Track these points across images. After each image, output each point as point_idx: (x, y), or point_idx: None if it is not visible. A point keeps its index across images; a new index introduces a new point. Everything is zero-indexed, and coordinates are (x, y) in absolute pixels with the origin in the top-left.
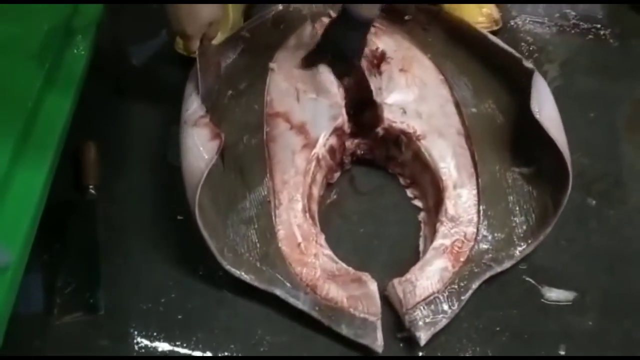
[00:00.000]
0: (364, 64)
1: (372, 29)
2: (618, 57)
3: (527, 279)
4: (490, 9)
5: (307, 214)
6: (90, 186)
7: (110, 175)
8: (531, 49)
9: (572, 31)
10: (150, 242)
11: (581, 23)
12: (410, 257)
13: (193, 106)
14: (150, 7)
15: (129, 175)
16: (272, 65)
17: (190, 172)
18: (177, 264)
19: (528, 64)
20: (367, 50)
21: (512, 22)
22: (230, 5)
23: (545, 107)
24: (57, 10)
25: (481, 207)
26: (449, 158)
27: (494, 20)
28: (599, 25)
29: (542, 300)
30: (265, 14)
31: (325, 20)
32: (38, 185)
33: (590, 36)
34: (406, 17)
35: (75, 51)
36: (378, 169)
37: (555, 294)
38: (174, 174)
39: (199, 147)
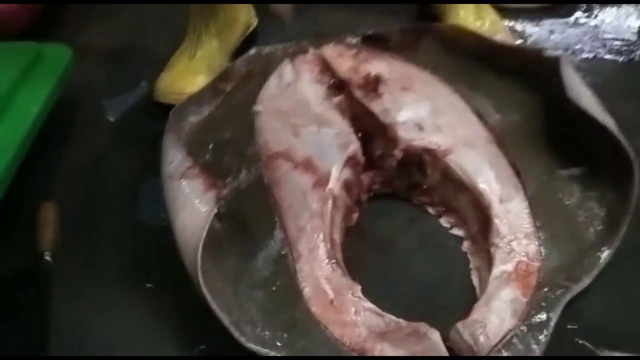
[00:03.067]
0: (357, 92)
1: (360, 55)
2: None
3: (581, 342)
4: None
5: (334, 263)
6: (46, 253)
7: (72, 240)
8: None
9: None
10: (112, 318)
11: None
12: (465, 296)
13: (178, 158)
14: (131, 58)
15: (94, 238)
16: (257, 108)
17: (186, 233)
18: (142, 343)
19: (549, 52)
20: (357, 77)
21: None
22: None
23: (583, 95)
24: (17, 53)
25: (537, 220)
26: (486, 170)
27: None
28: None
29: None
30: (235, 62)
31: (306, 56)
32: None
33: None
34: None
35: (31, 100)
36: (399, 202)
37: None
38: (144, 235)
39: (193, 201)
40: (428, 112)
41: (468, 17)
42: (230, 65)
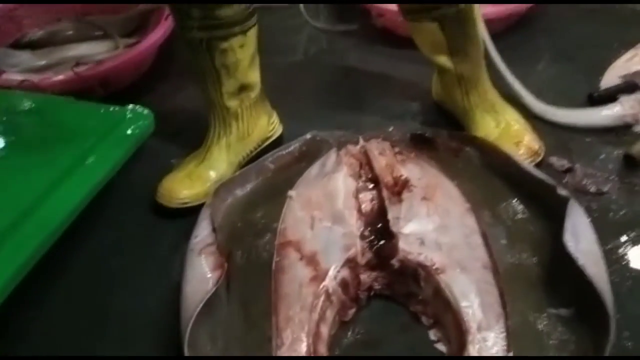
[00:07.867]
0: (385, 192)
1: (399, 157)
2: None
3: None
4: (529, 141)
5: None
6: None
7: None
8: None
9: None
10: None
11: None
12: None
13: (203, 233)
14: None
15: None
16: (290, 193)
17: (187, 302)
18: None
19: (562, 191)
20: (389, 178)
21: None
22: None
23: (582, 240)
24: (101, 116)
25: (511, 354)
26: (472, 295)
27: (535, 152)
28: None
29: None
30: (291, 143)
31: (352, 147)
32: None
33: None
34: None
35: (99, 161)
36: (397, 306)
37: None
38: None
39: (199, 277)
40: (435, 228)
41: (489, 123)
42: (284, 145)
